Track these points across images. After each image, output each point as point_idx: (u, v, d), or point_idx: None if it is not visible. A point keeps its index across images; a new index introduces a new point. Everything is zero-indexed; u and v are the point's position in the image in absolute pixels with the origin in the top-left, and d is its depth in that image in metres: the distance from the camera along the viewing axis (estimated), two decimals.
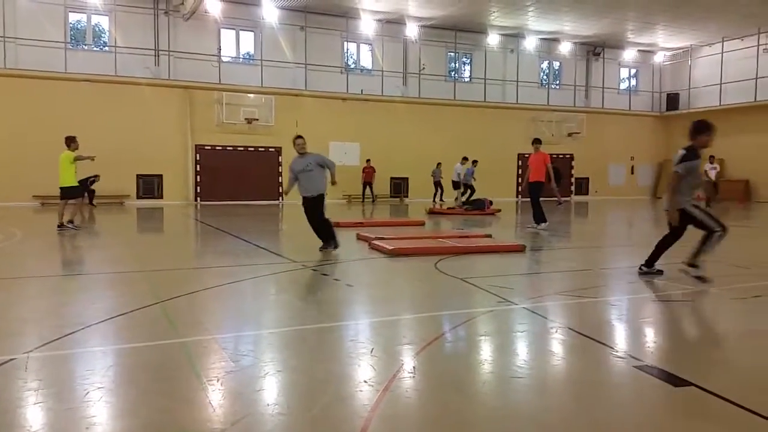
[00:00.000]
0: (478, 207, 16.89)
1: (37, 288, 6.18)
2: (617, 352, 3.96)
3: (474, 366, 3.73)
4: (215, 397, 3.08)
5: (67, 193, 11.48)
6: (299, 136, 8.96)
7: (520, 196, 25.65)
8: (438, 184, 22.22)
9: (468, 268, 7.27)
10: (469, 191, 20.27)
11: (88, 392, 3.11)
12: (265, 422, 2.81)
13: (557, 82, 29.45)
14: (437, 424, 2.81)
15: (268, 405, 3.02)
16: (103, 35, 21.99)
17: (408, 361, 3.69)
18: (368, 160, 23.39)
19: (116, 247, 9.86)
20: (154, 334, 4.33)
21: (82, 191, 11.29)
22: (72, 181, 11.45)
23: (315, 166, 8.68)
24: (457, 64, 27.24)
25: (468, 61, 27.44)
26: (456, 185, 20.41)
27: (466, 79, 27.28)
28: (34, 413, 2.89)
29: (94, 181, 17.97)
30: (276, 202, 22.94)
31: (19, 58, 19.64)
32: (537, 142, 12.53)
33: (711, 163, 21.87)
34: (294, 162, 8.84)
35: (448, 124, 25.19)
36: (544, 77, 29.32)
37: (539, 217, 12.14)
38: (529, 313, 5.00)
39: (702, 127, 6.42)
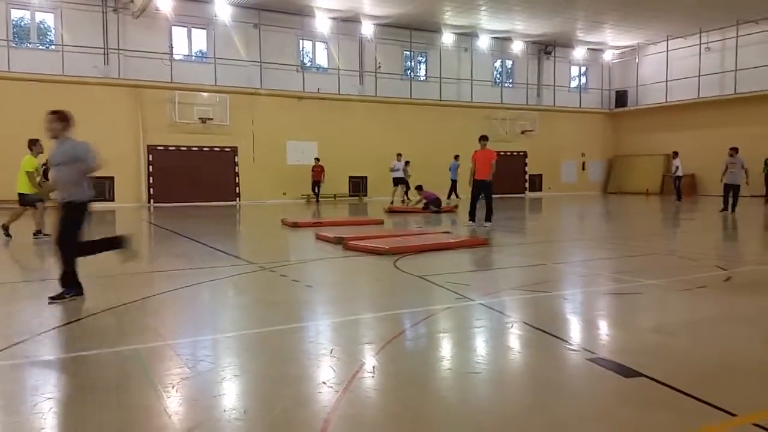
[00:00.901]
0: (435, 205, 17.03)
1: None
2: (571, 345, 4.06)
3: (433, 363, 3.77)
4: (171, 404, 3.03)
5: (23, 200, 10.59)
6: (52, 112, 5.76)
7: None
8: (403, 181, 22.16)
9: (426, 266, 7.33)
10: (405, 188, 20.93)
11: (37, 403, 3.01)
12: (222, 428, 2.77)
13: (510, 80, 29.94)
14: (397, 422, 2.84)
15: (225, 411, 2.98)
16: (48, 33, 21.22)
17: (368, 361, 3.70)
18: (317, 159, 23.26)
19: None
20: (106, 341, 4.21)
21: (39, 198, 10.48)
22: (28, 189, 10.46)
23: (67, 159, 5.61)
24: (412, 63, 27.38)
25: (423, 59, 27.62)
26: (397, 182, 20.82)
27: (422, 78, 27.46)
28: None
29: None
30: (233, 203, 22.62)
31: None
32: (484, 138, 12.69)
33: (675, 158, 22.47)
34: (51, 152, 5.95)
35: (405, 123, 25.31)
36: (498, 76, 29.77)
37: (487, 215, 12.26)
38: (486, 308, 5.08)
39: None
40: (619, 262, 6.95)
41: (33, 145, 10.66)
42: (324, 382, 3.33)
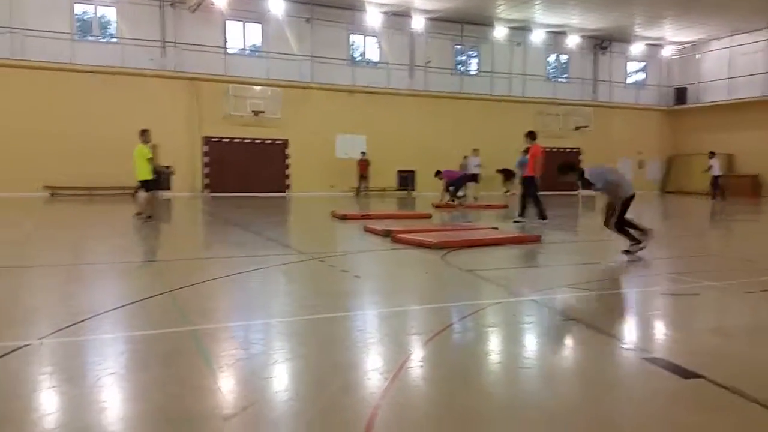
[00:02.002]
0: (458, 183, 16.76)
1: (51, 277, 6.23)
2: (625, 344, 3.96)
3: (481, 356, 3.74)
4: (225, 383, 3.11)
5: (145, 185, 11.35)
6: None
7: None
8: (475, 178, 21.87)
9: (475, 261, 7.27)
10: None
11: (100, 378, 3.14)
12: (275, 408, 2.83)
13: (565, 75, 29.31)
14: (445, 412, 2.83)
15: (276, 392, 3.04)
16: (109, 27, 22.02)
17: (416, 351, 3.70)
18: (363, 153, 23.38)
19: (126, 237, 9.91)
20: (165, 322, 4.37)
21: (156, 184, 11.25)
22: (147, 175, 11.26)
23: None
24: (463, 57, 27.14)
25: (475, 54, 27.34)
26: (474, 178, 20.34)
27: (473, 72, 27.19)
28: (48, 397, 2.93)
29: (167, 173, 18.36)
30: (283, 194, 22.98)
31: (26, 49, 19.70)
32: (530, 135, 12.36)
33: (711, 158, 21.90)
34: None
35: (455, 117, 25.13)
36: (551, 70, 29.18)
37: (543, 212, 11.91)
38: (537, 305, 5.00)
39: None
40: (676, 263, 6.72)
41: (143, 134, 11.36)
42: (373, 370, 3.35)
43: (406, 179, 25.02)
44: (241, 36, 23.35)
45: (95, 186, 19.42)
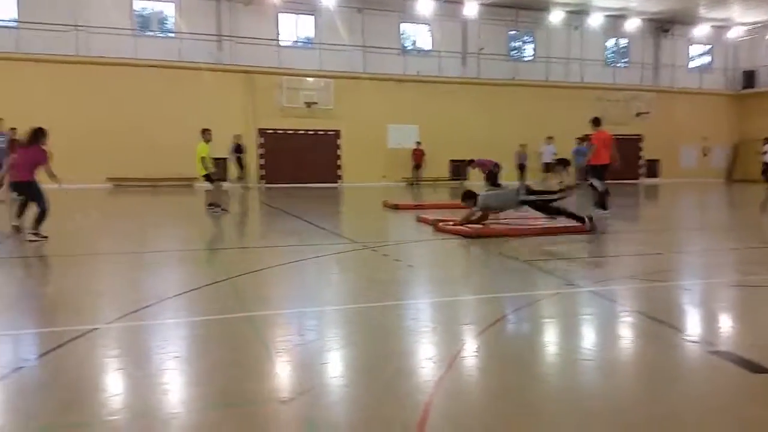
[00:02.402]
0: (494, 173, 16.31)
1: (117, 264, 6.51)
2: (690, 336, 3.81)
3: (538, 347, 3.69)
4: (283, 368, 3.18)
5: (207, 179, 11.98)
6: None
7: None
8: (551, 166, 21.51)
9: (532, 251, 7.14)
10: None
11: (164, 361, 3.27)
12: (331, 393, 2.87)
13: (624, 60, 28.31)
14: (500, 401, 2.80)
15: (333, 378, 3.09)
16: (167, 22, 22.67)
17: (470, 341, 3.68)
18: (418, 143, 23.27)
19: (186, 226, 10.24)
20: (225, 308, 4.49)
21: (218, 177, 11.94)
22: (203, 171, 11.86)
23: None
24: (518, 43, 26.59)
25: (530, 39, 26.74)
26: (549, 167, 19.82)
27: (528, 59, 26.62)
28: (115, 379, 3.06)
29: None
30: (335, 185, 23.18)
31: (90, 45, 20.51)
32: (595, 121, 11.85)
33: (766, 144, 20.74)
34: None
35: (509, 105, 24.69)
36: (610, 55, 28.24)
37: (605, 202, 11.49)
38: (596, 296, 4.88)
39: None
40: (744, 254, 6.42)
41: (204, 133, 12.07)
42: (427, 359, 3.35)
43: (459, 169, 24.79)
44: (294, 28, 23.61)
45: (155, 177, 20.12)
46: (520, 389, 2.94)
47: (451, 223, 8.83)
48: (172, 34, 22.19)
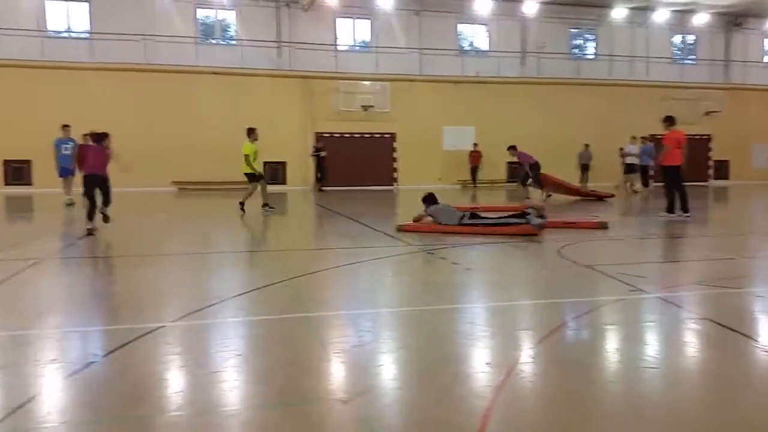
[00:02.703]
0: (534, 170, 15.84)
1: (181, 264, 6.74)
2: (763, 345, 3.60)
3: (600, 354, 3.57)
4: (340, 369, 3.20)
5: (250, 178, 12.51)
6: None
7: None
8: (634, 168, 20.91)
9: (594, 255, 6.95)
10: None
11: (225, 359, 3.35)
12: (388, 396, 2.87)
13: (692, 56, 27.14)
14: (561, 408, 2.73)
15: (390, 380, 3.08)
16: (229, 29, 23.34)
17: (530, 346, 3.60)
18: (475, 144, 23.04)
19: (247, 228, 10.49)
20: (283, 308, 4.57)
21: (259, 177, 12.53)
22: (247, 170, 12.43)
23: None
24: (579, 41, 25.94)
25: (592, 37, 26.03)
26: (631, 168, 19.14)
27: (590, 57, 25.92)
28: (179, 376, 3.16)
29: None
30: (390, 187, 23.24)
31: (157, 54, 21.36)
32: (668, 120, 11.33)
33: None
34: None
35: (570, 105, 24.09)
36: (677, 52, 27.14)
37: (672, 205, 10.94)
38: (663, 302, 4.68)
39: None
40: None
41: (250, 133, 12.69)
42: (486, 363, 3.30)
43: (517, 171, 24.36)
44: (351, 32, 23.85)
45: (218, 181, 20.73)
46: (581, 396, 2.86)
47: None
48: (234, 42, 22.83)
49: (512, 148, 16.67)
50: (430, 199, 9.76)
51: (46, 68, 19.92)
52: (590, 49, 26.26)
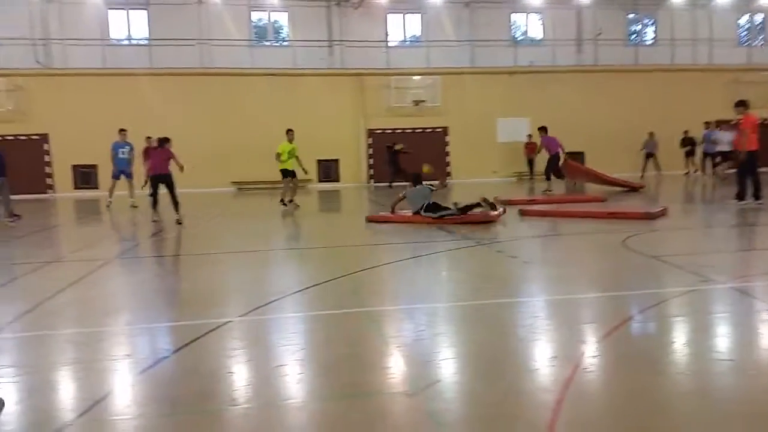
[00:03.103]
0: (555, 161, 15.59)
1: (244, 261, 6.90)
2: None
3: (671, 347, 3.44)
4: (404, 362, 3.20)
5: (283, 174, 13.72)
6: None
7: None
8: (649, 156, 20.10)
9: (661, 245, 6.70)
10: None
11: (291, 352, 3.41)
12: (455, 390, 2.85)
13: (761, 37, 25.72)
14: (631, 402, 2.66)
15: (454, 374, 3.06)
16: (281, 31, 23.70)
17: (597, 340, 3.50)
18: (529, 136, 22.53)
19: (304, 225, 10.65)
20: (344, 303, 4.62)
21: (291, 173, 13.70)
22: (282, 166, 13.56)
23: None
24: (638, 27, 25.01)
25: (651, 21, 25.06)
26: (723, 155, 18.17)
27: (649, 42, 24.96)
28: (247, 369, 3.24)
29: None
30: (444, 182, 23.08)
31: (212, 58, 21.91)
32: (741, 105, 10.73)
33: None
34: None
35: (629, 92, 23.26)
36: (744, 34, 25.77)
37: (744, 192, 10.39)
38: (736, 293, 4.47)
39: None
40: None
41: (288, 132, 13.80)
42: (552, 357, 3.24)
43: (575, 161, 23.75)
44: (401, 27, 23.79)
45: (275, 180, 21.09)
46: (652, 390, 2.77)
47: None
48: (286, 43, 23.17)
49: (542, 129, 16.42)
50: (414, 180, 10.08)
51: (108, 75, 20.76)
52: (649, 34, 25.28)
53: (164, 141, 10.76)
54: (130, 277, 6.23)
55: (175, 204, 10.41)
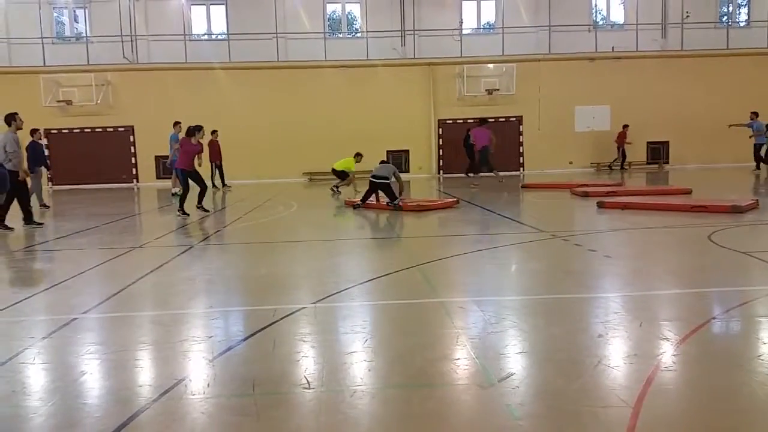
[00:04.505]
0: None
1: (316, 250, 7.01)
2: None
3: (758, 347, 3.22)
4: (477, 354, 3.13)
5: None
6: None
7: None
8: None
9: (751, 241, 6.27)
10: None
11: (365, 339, 3.42)
12: (532, 383, 2.77)
13: None
14: (715, 404, 2.52)
15: (531, 367, 2.98)
16: (355, 22, 23.84)
17: (680, 338, 3.31)
18: (625, 126, 21.41)
19: (372, 216, 10.70)
20: (416, 293, 4.60)
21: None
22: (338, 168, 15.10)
23: None
24: (730, 8, 23.46)
25: (744, 2, 23.43)
26: None
27: (743, 24, 23.37)
28: (321, 354, 3.27)
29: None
30: (516, 173, 22.59)
31: (288, 51, 22.35)
32: None
33: None
34: None
35: (718, 78, 21.87)
36: None
37: None
38: None
39: None
40: None
41: (356, 156, 15.23)
42: (633, 355, 3.09)
43: (658, 151, 22.64)
44: (476, 15, 23.39)
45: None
46: (738, 392, 2.62)
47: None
48: (359, 34, 23.29)
49: (478, 122, 16.50)
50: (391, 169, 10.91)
51: (188, 70, 21.61)
52: (743, 15, 23.65)
53: (190, 132, 10.50)
54: (209, 263, 6.46)
55: (201, 195, 10.62)
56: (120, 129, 21.78)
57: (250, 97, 21.67)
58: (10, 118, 9.41)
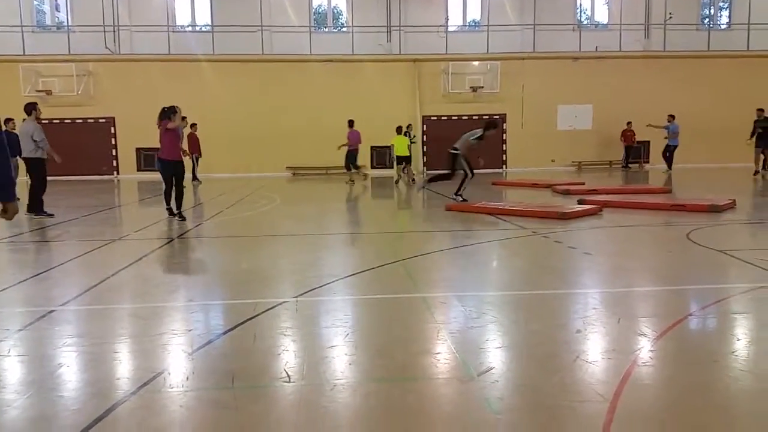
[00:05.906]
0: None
1: (299, 245, 6.99)
2: None
3: (735, 344, 3.27)
4: (457, 348, 3.15)
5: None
6: None
7: None
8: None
9: (728, 239, 6.37)
10: None
11: (346, 334, 3.42)
12: (511, 378, 2.79)
13: None
14: (692, 400, 2.56)
15: (510, 362, 3.00)
16: (340, 17, 23.75)
17: (657, 334, 3.35)
18: (629, 123, 21.55)
19: (357, 210, 10.71)
20: (398, 287, 4.60)
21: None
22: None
23: None
24: (712, 10, 23.77)
25: (725, 5, 23.77)
26: None
27: (723, 27, 23.69)
28: (302, 348, 3.27)
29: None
30: (499, 170, 22.71)
31: (272, 44, 22.20)
32: None
33: None
34: None
35: (700, 79, 22.16)
36: None
37: None
38: None
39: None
40: None
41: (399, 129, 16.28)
42: (611, 350, 3.13)
43: (639, 151, 22.90)
44: (461, 12, 23.43)
45: (328, 165, 21.30)
46: (714, 388, 2.67)
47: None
48: (345, 29, 23.21)
49: (350, 123, 17.04)
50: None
51: (172, 61, 21.35)
52: (724, 18, 24.00)
53: (162, 114, 9.06)
54: (189, 256, 6.41)
55: (179, 196, 8.79)
56: (101, 120, 21.50)
57: (234, 90, 21.49)
58: (31, 108, 9.40)
